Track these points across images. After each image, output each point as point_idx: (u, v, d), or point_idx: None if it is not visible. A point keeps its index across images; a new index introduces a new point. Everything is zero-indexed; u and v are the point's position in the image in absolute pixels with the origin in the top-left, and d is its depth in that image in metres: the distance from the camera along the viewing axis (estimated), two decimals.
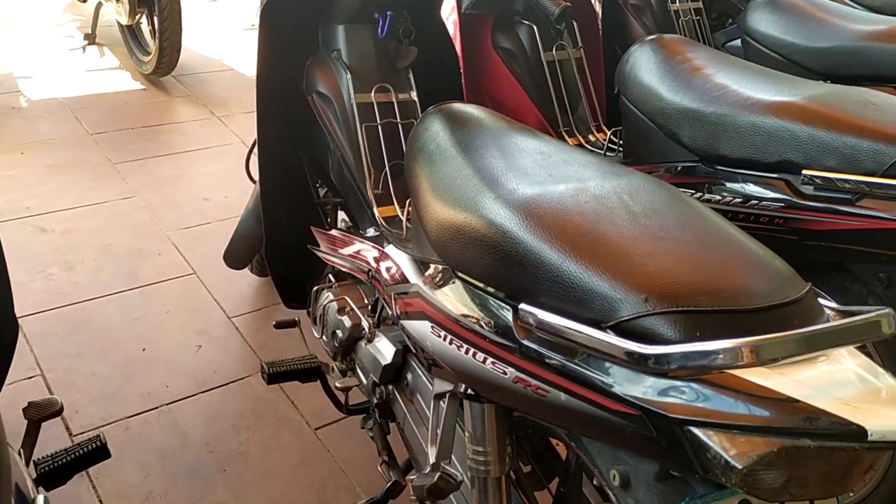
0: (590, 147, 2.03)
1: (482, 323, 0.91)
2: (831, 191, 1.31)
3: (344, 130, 1.61)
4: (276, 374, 1.54)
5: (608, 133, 2.07)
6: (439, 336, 1.00)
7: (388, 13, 1.58)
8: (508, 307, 0.88)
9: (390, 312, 1.25)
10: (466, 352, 0.94)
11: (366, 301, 1.54)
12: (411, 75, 1.64)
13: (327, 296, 1.59)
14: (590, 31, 2.23)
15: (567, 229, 0.84)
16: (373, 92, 1.58)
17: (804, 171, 1.33)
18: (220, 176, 2.93)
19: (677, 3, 2.52)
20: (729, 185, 1.46)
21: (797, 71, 2.04)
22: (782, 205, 1.37)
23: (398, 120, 1.60)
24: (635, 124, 1.70)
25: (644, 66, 1.69)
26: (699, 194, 1.51)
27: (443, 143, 1.11)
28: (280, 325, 1.68)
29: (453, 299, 0.99)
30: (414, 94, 1.64)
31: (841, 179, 1.29)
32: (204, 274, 2.33)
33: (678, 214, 0.86)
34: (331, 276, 1.66)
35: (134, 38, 3.80)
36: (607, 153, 1.94)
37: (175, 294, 2.24)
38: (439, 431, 1.10)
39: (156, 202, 2.72)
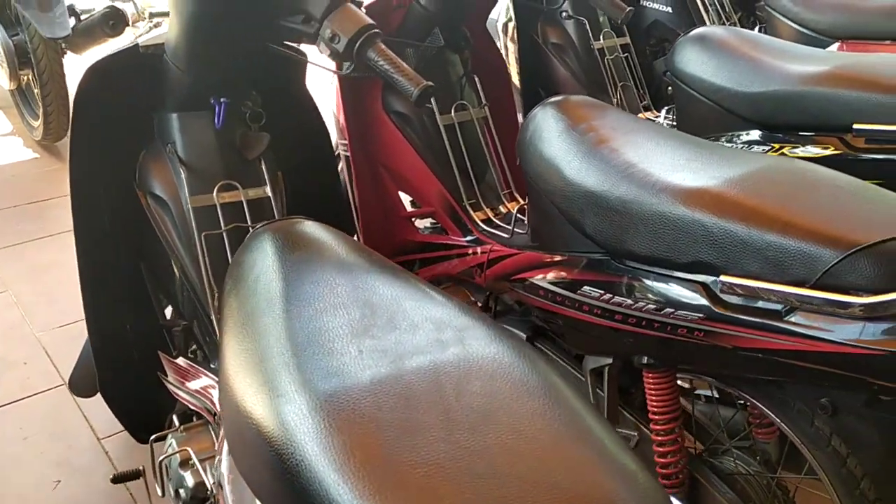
0: (498, 221, 1.76)
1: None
2: (755, 300, 1.08)
3: (184, 240, 1.36)
4: None
5: (520, 203, 1.81)
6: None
7: (223, 99, 1.31)
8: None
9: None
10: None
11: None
12: (263, 166, 1.38)
13: (169, 443, 1.33)
14: (498, 84, 1.97)
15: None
16: (215, 192, 1.32)
17: (722, 277, 1.10)
18: None
19: (602, 41, 2.28)
20: (640, 286, 1.21)
21: (730, 120, 1.79)
22: (700, 315, 1.13)
23: (249, 223, 1.34)
24: (537, 204, 1.45)
25: (544, 135, 1.43)
26: (608, 296, 1.27)
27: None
28: (118, 479, 1.38)
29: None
30: (268, 189, 1.37)
31: (765, 289, 1.05)
32: None
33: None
34: (174, 417, 1.41)
35: (25, 101, 3.50)
36: (515, 230, 1.67)
37: (38, 414, 1.93)
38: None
39: (29, 296, 2.41)
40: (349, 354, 0.76)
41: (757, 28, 2.75)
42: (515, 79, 2.25)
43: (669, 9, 2.83)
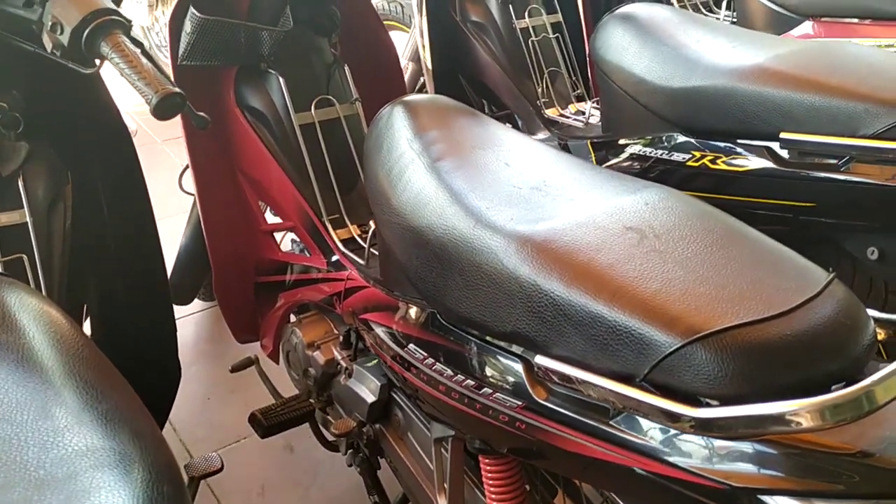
0: (361, 242, 1.48)
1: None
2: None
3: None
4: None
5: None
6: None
7: None
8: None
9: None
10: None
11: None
12: (21, 184, 1.12)
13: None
14: (381, 73, 1.68)
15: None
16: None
17: (782, 135, 1.23)
18: None
19: (527, 19, 1.97)
20: (461, 352, 0.97)
21: (651, 120, 1.50)
22: (519, 402, 0.89)
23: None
24: (379, 229, 1.19)
25: (384, 144, 1.16)
26: (430, 360, 1.02)
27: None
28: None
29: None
30: (26, 213, 1.12)
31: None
32: None
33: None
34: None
35: None
36: (372, 254, 1.39)
37: None
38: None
39: None
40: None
41: (725, 3, 2.41)
42: (428, 62, 1.96)
43: None
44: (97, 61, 0.98)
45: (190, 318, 2.14)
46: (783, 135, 1.23)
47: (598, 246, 0.83)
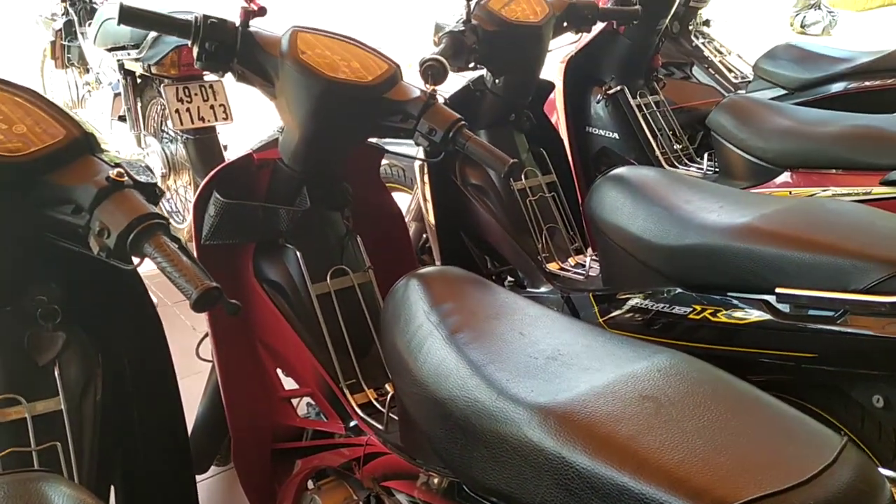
0: (379, 406, 1.51)
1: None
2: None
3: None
4: None
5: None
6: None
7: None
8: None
9: None
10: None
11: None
12: (57, 372, 1.17)
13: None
14: (392, 241, 1.77)
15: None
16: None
17: (777, 290, 1.31)
18: None
19: (524, 180, 2.09)
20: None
21: (649, 275, 1.57)
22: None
23: (32, 446, 1.12)
24: (397, 396, 1.23)
25: (402, 316, 1.22)
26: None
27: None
28: None
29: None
30: (61, 402, 1.16)
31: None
32: None
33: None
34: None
35: None
36: (391, 419, 1.42)
37: None
38: None
39: None
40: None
41: (707, 156, 2.57)
42: (433, 223, 2.07)
43: (616, 135, 2.67)
44: (137, 259, 1.05)
45: (203, 484, 2.12)
46: (779, 289, 1.30)
47: (618, 416, 0.87)
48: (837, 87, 2.76)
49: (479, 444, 0.96)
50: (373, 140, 1.67)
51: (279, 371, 1.62)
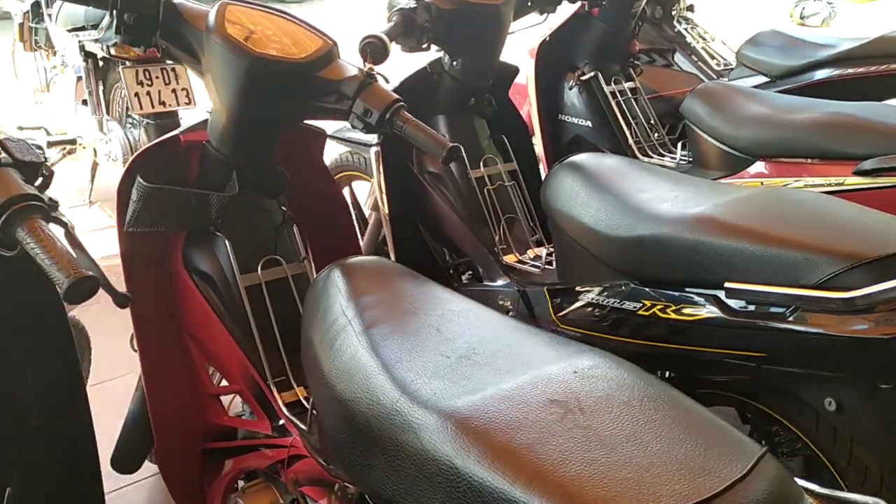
0: (307, 405, 1.43)
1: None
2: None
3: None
4: None
5: None
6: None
7: None
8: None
9: None
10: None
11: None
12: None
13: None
14: (337, 231, 1.69)
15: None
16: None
17: (726, 285, 1.21)
18: None
19: (482, 168, 2.00)
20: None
21: (601, 269, 1.49)
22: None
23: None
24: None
25: (319, 312, 1.14)
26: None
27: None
28: None
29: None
30: None
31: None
32: None
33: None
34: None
35: None
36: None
37: None
38: None
39: None
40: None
41: (681, 145, 2.48)
42: (386, 212, 1.98)
43: (589, 123, 2.58)
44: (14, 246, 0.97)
45: (133, 487, 2.02)
46: (728, 284, 1.22)
47: (519, 423, 0.79)
48: (820, 74, 2.66)
49: (378, 451, 0.88)
50: (313, 123, 1.58)
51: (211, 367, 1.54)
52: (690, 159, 2.34)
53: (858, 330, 1.08)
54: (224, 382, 1.53)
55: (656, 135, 2.60)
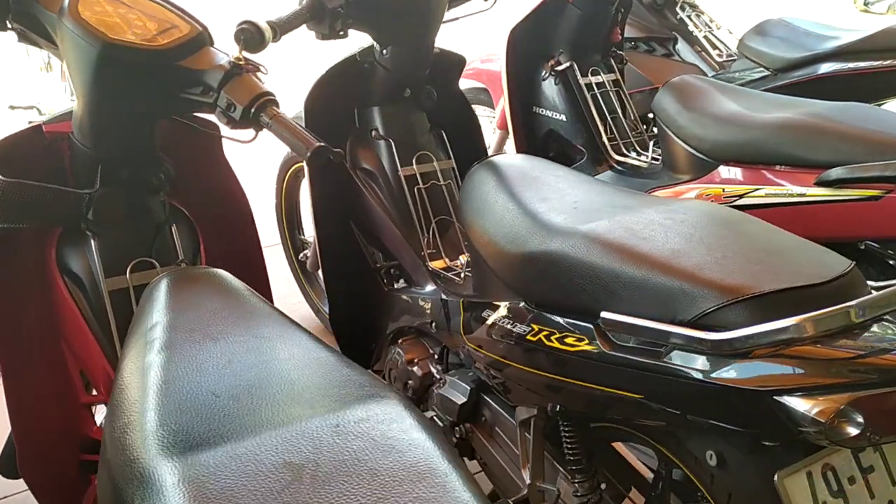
0: None
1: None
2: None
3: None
4: None
5: None
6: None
7: None
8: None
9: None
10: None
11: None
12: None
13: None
14: (238, 229, 1.58)
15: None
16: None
17: (602, 314, 1.07)
18: None
19: (414, 166, 1.87)
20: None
21: (499, 285, 1.34)
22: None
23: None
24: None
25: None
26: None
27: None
28: None
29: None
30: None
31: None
32: None
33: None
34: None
35: None
36: None
37: None
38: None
39: None
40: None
41: (652, 144, 2.30)
42: (316, 210, 1.86)
43: (564, 117, 2.42)
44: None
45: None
46: (604, 314, 1.06)
47: (234, 490, 0.67)
48: (822, 69, 2.44)
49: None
50: (205, 117, 1.47)
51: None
52: (661, 160, 2.16)
53: (732, 379, 0.92)
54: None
55: (636, 132, 2.42)
